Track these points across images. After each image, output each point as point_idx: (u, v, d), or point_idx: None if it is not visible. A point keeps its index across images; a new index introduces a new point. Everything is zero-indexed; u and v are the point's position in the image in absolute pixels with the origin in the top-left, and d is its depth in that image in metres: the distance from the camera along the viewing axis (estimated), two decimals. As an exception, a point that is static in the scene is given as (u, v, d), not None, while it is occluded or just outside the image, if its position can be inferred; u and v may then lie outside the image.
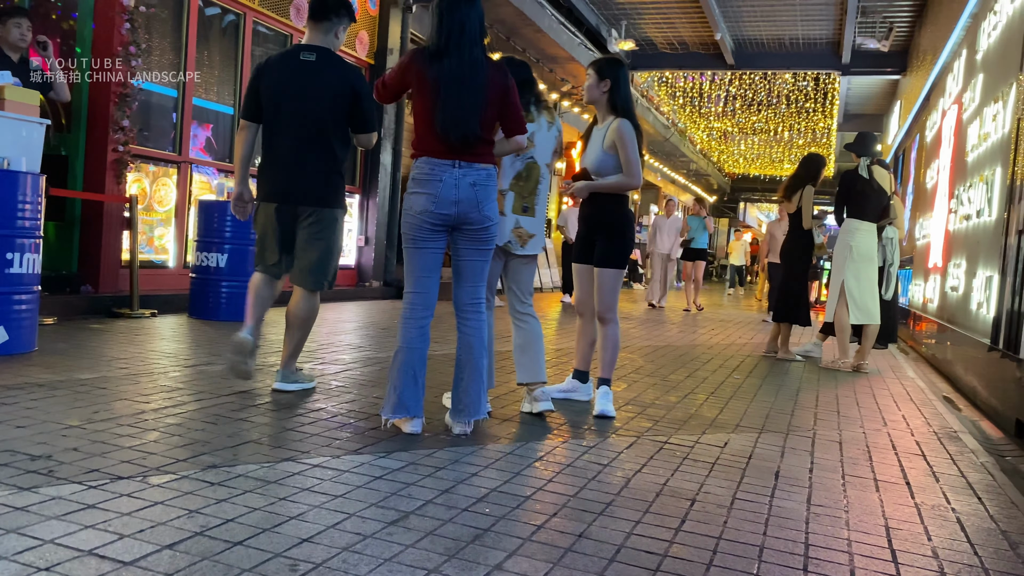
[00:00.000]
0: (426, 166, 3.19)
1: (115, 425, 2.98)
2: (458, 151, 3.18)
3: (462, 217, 3.20)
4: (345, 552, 1.98)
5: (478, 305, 3.33)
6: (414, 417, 3.22)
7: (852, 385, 5.58)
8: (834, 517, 2.60)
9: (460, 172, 3.18)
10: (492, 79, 3.21)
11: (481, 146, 3.23)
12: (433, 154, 3.19)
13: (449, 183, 3.16)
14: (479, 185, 3.20)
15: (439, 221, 3.20)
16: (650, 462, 3.09)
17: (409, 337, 3.23)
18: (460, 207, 3.18)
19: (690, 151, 23.92)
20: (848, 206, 6.32)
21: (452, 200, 3.17)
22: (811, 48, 16.27)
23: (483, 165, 3.23)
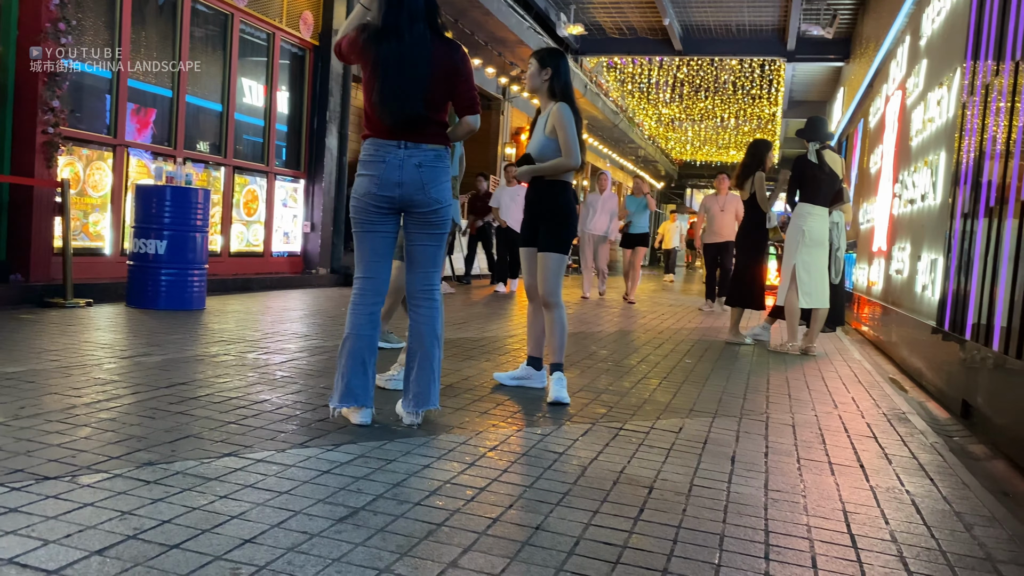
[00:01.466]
0: (371, 147, 3.08)
1: (43, 421, 2.80)
2: (403, 131, 3.06)
3: (407, 199, 3.08)
4: (291, 552, 1.87)
5: (431, 292, 3.22)
6: (363, 407, 3.10)
7: (801, 368, 5.62)
8: (792, 502, 2.58)
9: (405, 153, 3.05)
10: (437, 56, 3.07)
11: (428, 126, 3.09)
12: (379, 135, 3.07)
13: (393, 164, 3.04)
14: (425, 166, 3.07)
15: (384, 204, 3.08)
16: (606, 449, 3.04)
17: (358, 324, 3.11)
18: (404, 189, 3.06)
19: (639, 137, 24.02)
20: (800, 191, 6.36)
21: (395, 182, 3.05)
22: (757, 34, 16.43)
23: (431, 146, 3.09)
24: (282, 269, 9.77)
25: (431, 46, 3.06)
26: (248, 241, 9.26)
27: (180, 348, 4.51)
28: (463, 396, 3.80)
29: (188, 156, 8.09)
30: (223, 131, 8.71)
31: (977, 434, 3.95)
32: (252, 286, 8.69)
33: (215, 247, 8.55)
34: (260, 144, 9.44)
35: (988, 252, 4.12)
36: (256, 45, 9.22)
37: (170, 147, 7.91)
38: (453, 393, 3.84)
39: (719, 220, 10.13)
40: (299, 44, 9.80)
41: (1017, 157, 3.81)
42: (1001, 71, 4.25)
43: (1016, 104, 3.94)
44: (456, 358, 4.92)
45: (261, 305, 7.24)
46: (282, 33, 9.43)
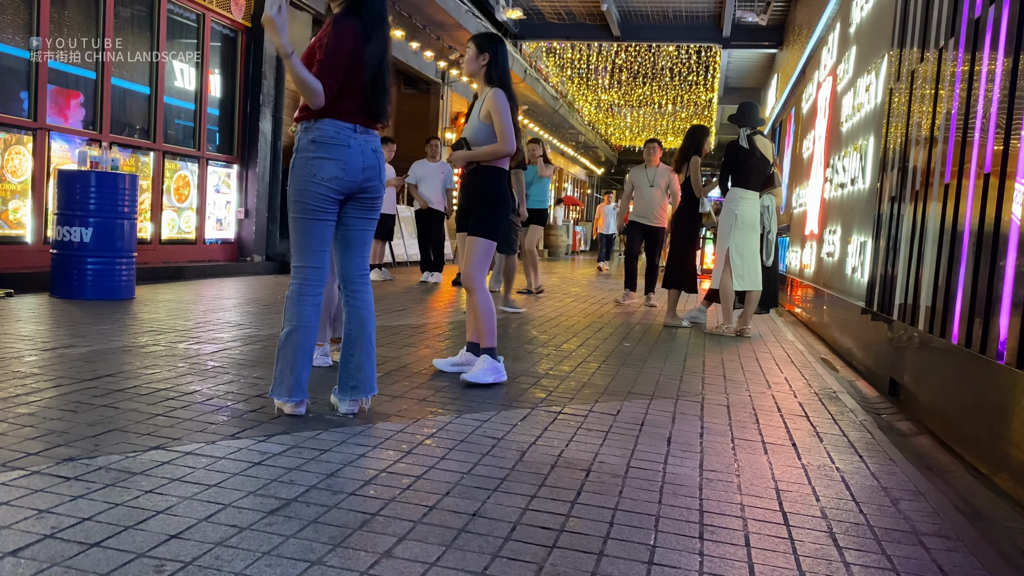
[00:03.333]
0: (331, 128, 2.98)
1: (-44, 417, 2.67)
2: (359, 117, 3.04)
3: (364, 184, 3.06)
4: (218, 547, 1.81)
5: (365, 276, 3.19)
6: (306, 400, 3.05)
7: (736, 350, 5.72)
8: (726, 482, 2.61)
9: (363, 138, 3.05)
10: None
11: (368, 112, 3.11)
12: (336, 116, 2.99)
13: (356, 149, 3.01)
14: (378, 151, 3.12)
15: (344, 189, 3.02)
16: (544, 433, 3.03)
17: (305, 316, 3.00)
18: (366, 173, 3.05)
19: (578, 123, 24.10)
20: (732, 176, 6.45)
21: (361, 166, 3.02)
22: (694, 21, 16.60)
23: (376, 132, 3.15)
24: (215, 257, 9.54)
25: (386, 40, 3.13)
26: (180, 228, 9.00)
27: (107, 339, 4.35)
28: (401, 383, 3.76)
29: (115, 140, 7.81)
30: (152, 115, 8.43)
31: (904, 411, 4.07)
32: (184, 274, 8.46)
33: (145, 234, 8.28)
34: (191, 128, 9.17)
35: (914, 235, 4.24)
36: (185, 26, 8.93)
37: (96, 131, 7.63)
38: (391, 380, 3.79)
39: (648, 197, 8.40)
40: (231, 25, 9.54)
41: (940, 143, 3.92)
42: (926, 58, 4.36)
43: (940, 91, 4.04)
44: (394, 345, 4.86)
45: (193, 294, 7.05)
46: (212, 14, 9.16)
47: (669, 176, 8.35)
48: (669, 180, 8.38)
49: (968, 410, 3.23)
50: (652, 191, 8.44)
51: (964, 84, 3.64)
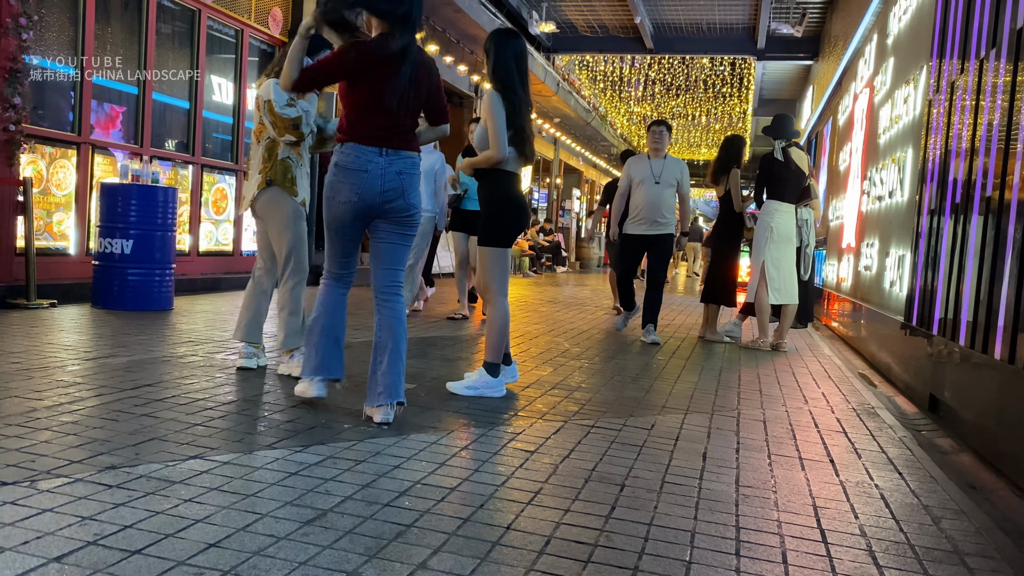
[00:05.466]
0: (352, 152, 3.12)
1: (2, 425, 2.73)
2: (386, 140, 3.14)
3: (387, 205, 3.17)
4: (256, 556, 1.83)
5: (396, 288, 3.29)
6: (324, 380, 3.28)
7: (772, 364, 5.65)
8: (763, 498, 2.58)
9: (386, 161, 3.14)
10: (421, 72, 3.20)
11: (408, 134, 3.22)
12: (359, 140, 3.12)
13: (375, 174, 3.12)
14: (405, 173, 3.18)
15: (361, 211, 3.16)
16: (578, 447, 3.02)
17: (331, 304, 3.27)
18: (385, 196, 3.15)
19: (611, 135, 24.09)
20: (768, 188, 6.41)
21: (377, 191, 3.13)
22: (727, 33, 16.53)
23: (409, 153, 3.21)
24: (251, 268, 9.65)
25: (418, 64, 3.19)
26: (217, 240, 9.14)
27: (146, 349, 4.43)
28: (435, 395, 3.77)
29: (155, 154, 7.96)
30: (191, 129, 8.59)
31: (944, 428, 3.99)
32: (221, 285, 8.58)
33: (183, 246, 8.42)
34: (229, 142, 9.32)
35: (955, 248, 4.17)
36: (224, 42, 9.10)
37: (137, 145, 7.79)
38: (424, 392, 3.81)
39: (653, 197, 6.54)
40: (268, 41, 9.69)
41: (982, 154, 3.85)
42: (966, 69, 4.30)
43: (980, 102, 3.98)
44: (428, 357, 4.88)
45: (230, 305, 7.15)
46: (251, 29, 9.32)
47: (682, 172, 6.65)
48: (682, 177, 6.62)
49: (1012, 427, 3.16)
50: (659, 189, 6.52)
51: (1006, 95, 3.58)
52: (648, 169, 6.60)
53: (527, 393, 3.98)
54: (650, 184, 6.54)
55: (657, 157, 6.65)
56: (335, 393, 3.53)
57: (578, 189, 27.36)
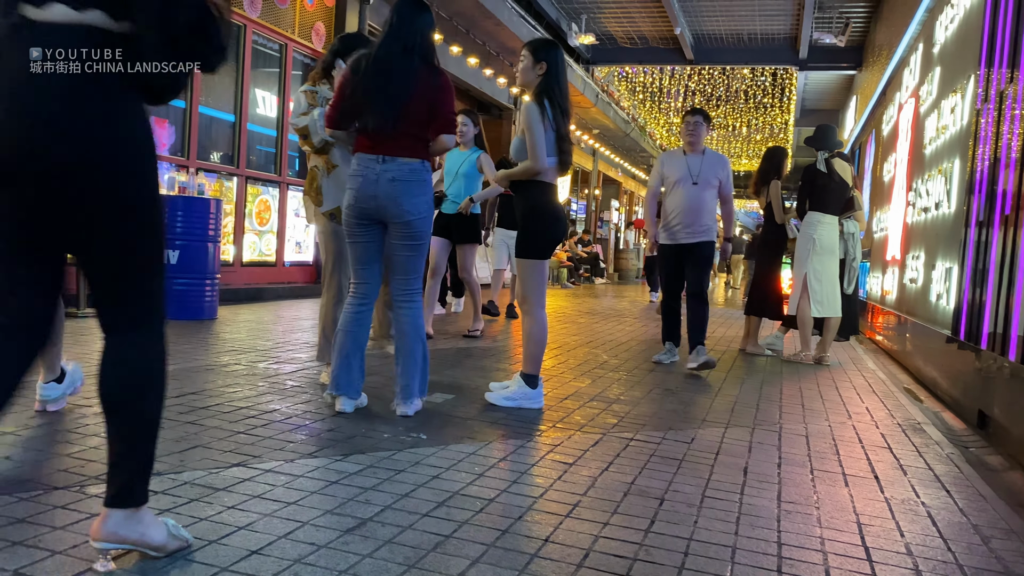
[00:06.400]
0: (355, 162, 3.37)
1: (52, 432, 2.81)
2: (383, 146, 3.30)
3: (382, 211, 3.33)
4: (297, 564, 1.85)
5: (411, 295, 3.47)
6: (344, 396, 3.39)
7: (815, 378, 5.57)
8: (805, 514, 2.54)
9: (382, 167, 3.30)
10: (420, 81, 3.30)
11: (404, 140, 3.32)
12: (362, 150, 3.35)
13: (369, 178, 3.30)
14: (399, 180, 3.30)
15: (362, 215, 3.35)
16: (616, 460, 3.01)
17: (347, 322, 3.43)
18: (378, 201, 3.31)
19: (650, 146, 24.00)
20: (810, 200, 6.33)
21: (370, 194, 3.31)
22: (769, 43, 16.40)
23: (406, 160, 3.32)
24: (294, 278, 9.80)
25: (416, 72, 3.30)
26: (260, 251, 9.29)
27: (191, 358, 4.51)
28: (473, 405, 3.78)
29: (201, 166, 8.13)
30: (236, 142, 8.76)
31: (994, 445, 3.89)
32: (264, 295, 8.71)
33: (227, 257, 8.57)
34: (272, 154, 9.48)
35: (1004, 261, 4.07)
36: (268, 56, 9.27)
37: (183, 157, 7.96)
38: (463, 402, 3.82)
39: (691, 199, 5.54)
40: (311, 55, 9.85)
41: (1032, 164, 3.77)
42: (1015, 78, 4.21)
43: (1031, 111, 3.89)
44: (465, 367, 4.90)
45: (273, 315, 7.25)
46: (294, 43, 9.49)
47: (724, 170, 5.66)
48: (724, 176, 5.65)
49: (1065, 445, 3.07)
50: (697, 191, 5.53)
51: (1058, 105, 3.49)
52: (684, 167, 5.59)
53: (565, 405, 3.97)
54: (687, 184, 5.56)
55: (694, 152, 5.64)
56: (373, 403, 3.57)
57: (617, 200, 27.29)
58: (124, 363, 1.74)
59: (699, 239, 5.56)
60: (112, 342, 1.75)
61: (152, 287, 1.77)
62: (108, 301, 1.74)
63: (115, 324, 1.75)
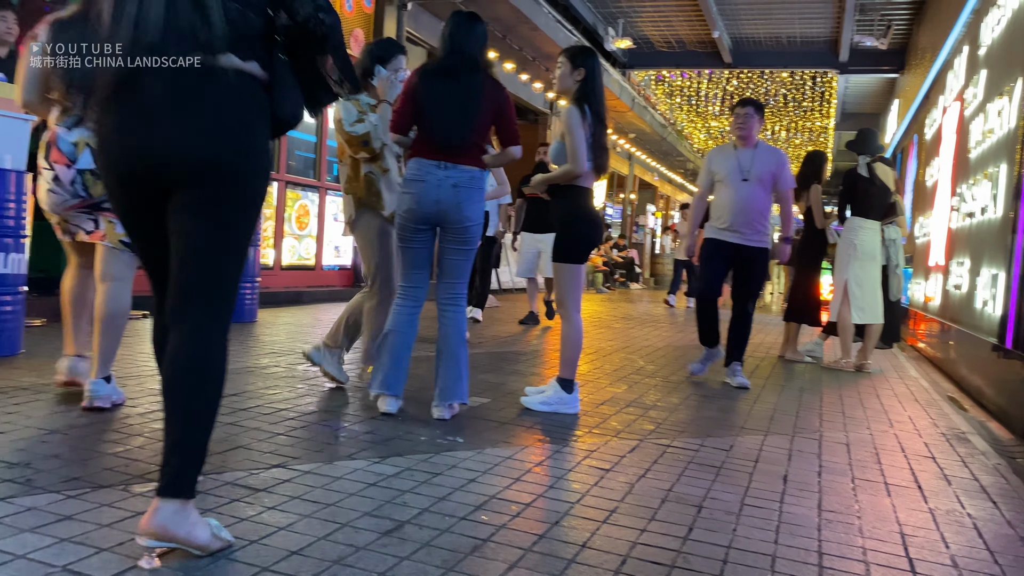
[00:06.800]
0: (414, 166, 3.40)
1: (99, 431, 2.87)
2: (445, 153, 3.37)
3: (441, 216, 3.39)
4: (336, 565, 1.87)
5: (456, 299, 3.53)
6: (391, 395, 3.43)
7: (856, 385, 5.48)
8: (847, 523, 2.50)
9: (444, 173, 3.36)
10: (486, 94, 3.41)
11: (468, 150, 3.41)
12: (422, 155, 3.40)
13: (432, 183, 3.35)
14: (461, 186, 3.37)
15: (421, 221, 3.40)
16: (654, 467, 2.99)
17: (398, 322, 3.47)
18: (440, 207, 3.36)
19: (687, 150, 23.85)
20: (851, 205, 6.24)
21: (433, 199, 3.36)
22: (809, 46, 16.21)
23: (467, 167, 3.39)
24: (332, 282, 9.90)
25: (482, 85, 3.42)
26: (300, 255, 9.40)
27: (231, 360, 4.55)
28: (509, 410, 3.78)
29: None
30: (276, 147, 8.88)
31: (1042, 456, 3.80)
32: (303, 299, 8.81)
33: (267, 260, 8.69)
34: (312, 160, 9.60)
35: (1053, 267, 3.97)
36: (308, 62, 9.37)
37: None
38: (499, 407, 3.83)
39: (742, 197, 5.00)
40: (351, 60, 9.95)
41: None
42: (1065, 80, 4.11)
43: (1082, 114, 3.80)
44: (501, 371, 4.91)
45: (312, 318, 7.33)
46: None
47: (779, 165, 5.05)
48: (779, 172, 5.03)
49: (1117, 457, 2.99)
50: (749, 189, 4.99)
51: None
52: (734, 162, 5.04)
53: (601, 410, 3.96)
54: (736, 181, 4.99)
55: (745, 147, 5.08)
56: (410, 406, 3.59)
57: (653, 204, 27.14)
58: (187, 358, 1.89)
59: (752, 243, 4.98)
60: (178, 334, 1.91)
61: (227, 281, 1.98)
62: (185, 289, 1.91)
63: (184, 314, 1.92)
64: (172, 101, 1.85)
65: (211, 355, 1.95)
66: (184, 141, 1.84)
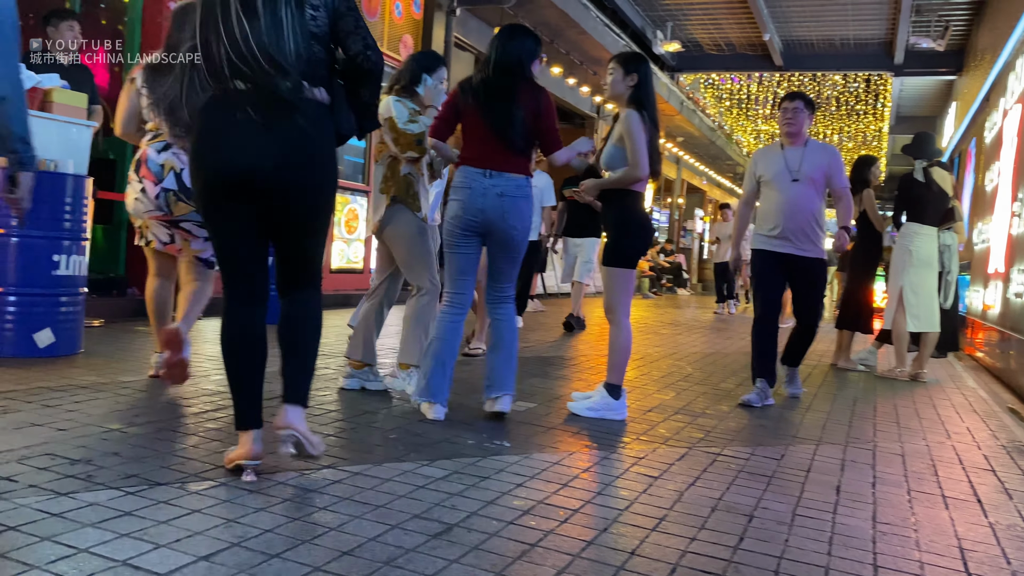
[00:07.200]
0: (461, 175, 3.50)
1: (155, 429, 2.94)
2: (491, 162, 3.44)
3: (488, 224, 3.46)
4: (386, 567, 1.89)
5: (506, 298, 3.63)
6: (437, 403, 3.47)
7: (911, 395, 5.36)
8: (903, 536, 2.45)
9: (490, 182, 3.43)
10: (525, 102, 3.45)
11: (513, 158, 3.46)
12: (469, 163, 3.48)
13: (477, 191, 3.43)
14: (506, 195, 3.44)
15: (468, 227, 3.48)
16: (703, 475, 2.96)
17: (443, 330, 3.53)
18: (486, 215, 3.44)
19: (736, 154, 23.57)
20: (907, 211, 6.10)
21: (478, 207, 3.43)
22: (862, 48, 15.91)
23: (513, 175, 3.46)
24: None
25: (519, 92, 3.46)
26: (348, 258, 9.51)
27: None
28: (554, 415, 3.78)
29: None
30: (326, 152, 8.99)
31: (1109, 471, 3.66)
32: (352, 302, 8.89)
33: (316, 264, 8.81)
34: (361, 164, 9.70)
35: (1121, 275, 3.84)
36: (358, 68, 9.49)
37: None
38: (545, 412, 3.82)
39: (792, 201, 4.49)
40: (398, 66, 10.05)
41: None
42: None
43: None
44: (547, 376, 4.90)
45: (359, 321, 7.40)
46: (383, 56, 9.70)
47: (832, 163, 4.54)
48: (832, 170, 4.52)
49: None
50: (799, 190, 4.48)
51: None
52: (782, 162, 4.54)
53: (649, 417, 3.93)
54: (785, 183, 4.50)
55: (794, 145, 4.58)
56: (455, 410, 3.61)
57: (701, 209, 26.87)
58: (304, 313, 2.54)
59: (806, 253, 4.48)
60: (293, 299, 2.55)
61: (321, 260, 2.62)
62: (296, 270, 2.55)
63: (297, 285, 2.55)
64: (265, 125, 2.29)
65: (317, 310, 2.58)
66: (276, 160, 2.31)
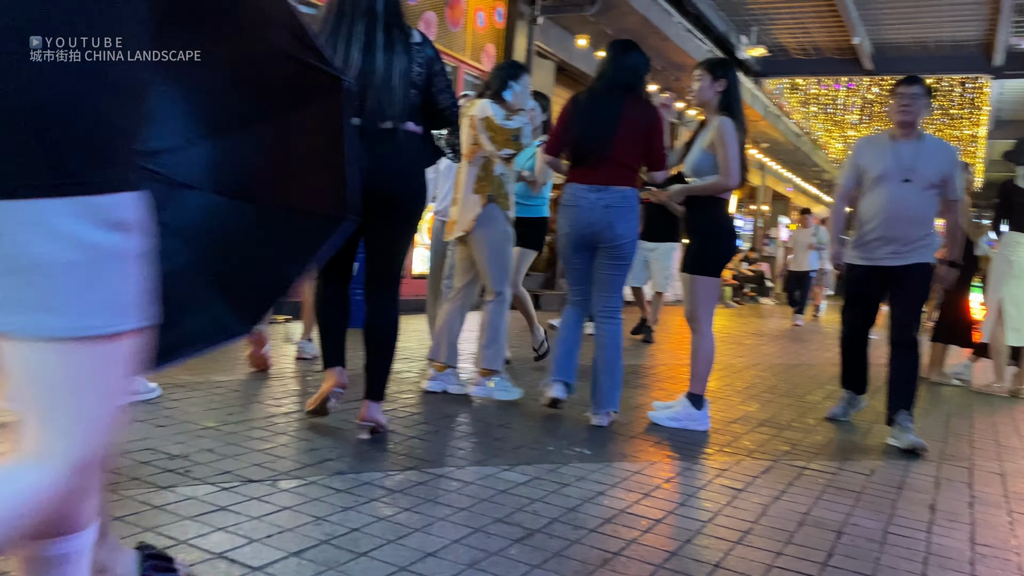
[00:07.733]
0: (568, 192, 3.67)
1: (247, 428, 3.04)
2: (594, 176, 3.59)
3: (596, 236, 3.60)
4: (470, 569, 1.91)
5: (612, 312, 3.69)
6: (563, 382, 3.71)
7: (1010, 412, 5.11)
8: (1003, 559, 2.34)
9: (596, 196, 3.57)
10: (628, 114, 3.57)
11: (616, 170, 3.59)
12: (575, 180, 3.65)
13: (584, 207, 3.59)
14: (612, 207, 3.56)
15: (577, 241, 3.65)
16: (789, 489, 2.89)
17: (567, 322, 3.80)
18: (594, 228, 3.59)
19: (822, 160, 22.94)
20: (1008, 219, 5.84)
21: (586, 223, 3.59)
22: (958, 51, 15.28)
23: (618, 188, 3.57)
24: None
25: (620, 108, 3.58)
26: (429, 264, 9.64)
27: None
28: (635, 424, 3.75)
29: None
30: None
31: None
32: (431, 307, 9.02)
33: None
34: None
35: None
36: (441, 77, 9.63)
37: (361, 175, 8.40)
38: (626, 420, 3.80)
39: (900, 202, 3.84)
40: (482, 77, 10.16)
41: None
42: None
43: None
44: (628, 385, 4.86)
45: (439, 326, 7.48)
46: (466, 66, 9.82)
47: (952, 165, 3.90)
48: (951, 173, 3.85)
49: None
50: (910, 192, 3.82)
51: None
52: (890, 157, 3.86)
53: (732, 429, 3.86)
54: (893, 182, 3.84)
55: (908, 138, 3.86)
56: (535, 416, 3.62)
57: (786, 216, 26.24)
58: (387, 316, 3.07)
59: (910, 260, 3.85)
60: (377, 303, 3.06)
61: (401, 267, 3.12)
62: (381, 274, 3.05)
63: (381, 290, 3.05)
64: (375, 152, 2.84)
65: (396, 316, 3.11)
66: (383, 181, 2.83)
